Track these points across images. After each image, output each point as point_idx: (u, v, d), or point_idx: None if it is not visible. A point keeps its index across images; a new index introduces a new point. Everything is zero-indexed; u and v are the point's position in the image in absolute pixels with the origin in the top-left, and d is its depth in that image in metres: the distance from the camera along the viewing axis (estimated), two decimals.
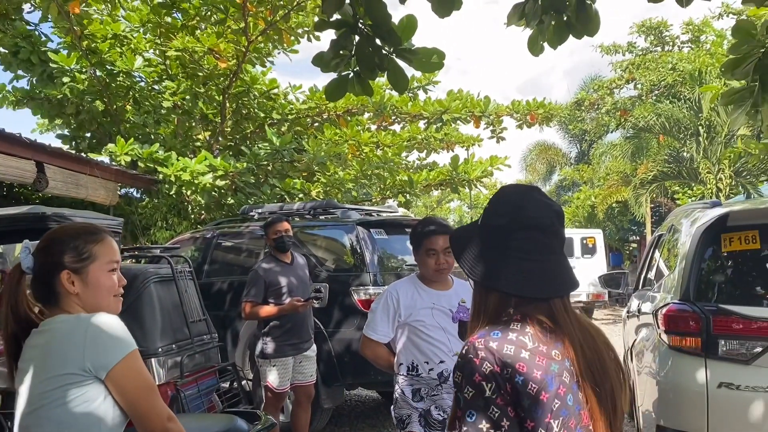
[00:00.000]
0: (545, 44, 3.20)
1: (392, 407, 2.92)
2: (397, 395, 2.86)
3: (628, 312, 5.75)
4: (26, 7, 10.09)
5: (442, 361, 2.78)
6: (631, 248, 26.32)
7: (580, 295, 14.41)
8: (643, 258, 5.95)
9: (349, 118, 11.29)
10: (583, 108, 22.80)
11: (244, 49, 9.87)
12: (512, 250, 1.33)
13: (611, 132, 23.51)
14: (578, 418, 1.27)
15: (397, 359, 2.89)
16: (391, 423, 5.88)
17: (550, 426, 1.22)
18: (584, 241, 15.60)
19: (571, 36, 3.13)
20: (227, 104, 10.68)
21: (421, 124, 11.63)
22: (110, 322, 1.60)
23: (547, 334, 1.29)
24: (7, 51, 9.77)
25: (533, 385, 1.22)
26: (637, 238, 24.92)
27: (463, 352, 1.26)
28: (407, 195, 10.76)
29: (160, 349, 3.92)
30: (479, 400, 1.21)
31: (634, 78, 20.97)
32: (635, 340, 4.71)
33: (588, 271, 14.29)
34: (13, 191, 10.50)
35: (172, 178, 9.02)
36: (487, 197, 31.78)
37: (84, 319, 1.59)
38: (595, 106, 22.20)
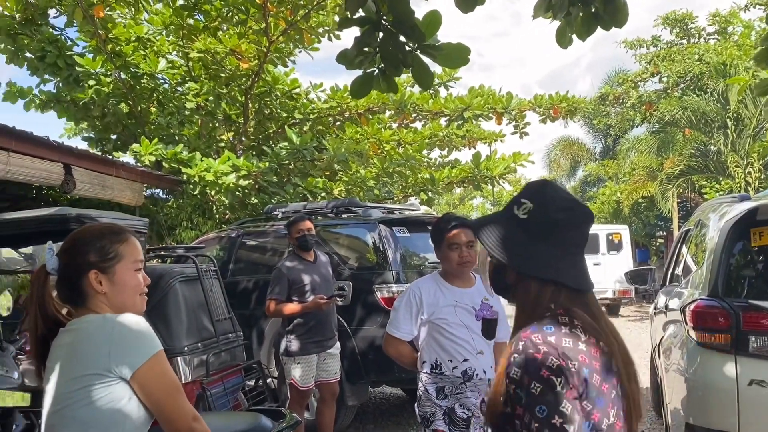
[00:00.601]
0: (573, 36, 3.16)
1: (416, 405, 2.91)
2: (420, 393, 2.85)
3: (655, 309, 5.67)
4: (52, 12, 10.28)
5: (465, 360, 2.77)
6: (657, 244, 25.96)
7: (606, 291, 14.24)
8: (670, 254, 5.86)
9: (370, 116, 11.29)
10: (607, 102, 22.51)
11: (265, 50, 9.92)
12: (568, 245, 1.37)
13: (636, 126, 23.21)
14: (621, 407, 1.31)
15: (420, 357, 2.88)
16: (416, 420, 5.87)
17: (610, 415, 1.25)
18: (610, 237, 15.40)
19: (599, 27, 3.09)
20: (250, 105, 10.75)
21: (443, 121, 11.58)
22: (136, 322, 1.61)
23: (588, 328, 1.31)
24: (33, 56, 9.95)
25: (597, 377, 1.24)
26: (664, 233, 24.55)
27: (520, 347, 1.26)
28: (429, 193, 10.73)
29: (186, 348, 3.96)
30: (549, 395, 1.20)
31: (659, 71, 20.63)
32: (663, 337, 4.65)
33: (614, 267, 14.13)
34: (41, 193, 10.70)
35: (197, 179, 9.10)
36: (510, 194, 31.60)
37: (110, 319, 1.61)
38: (620, 101, 21.89)
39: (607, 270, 14.17)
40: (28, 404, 2.47)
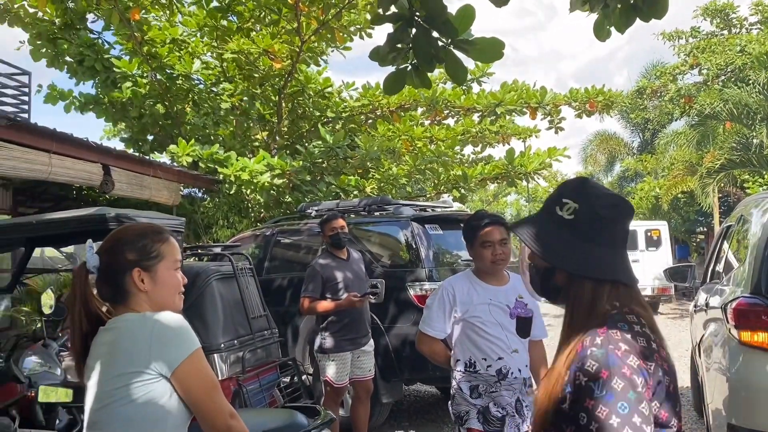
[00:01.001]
0: (611, 28, 3.10)
1: (450, 403, 2.89)
2: (454, 391, 2.84)
3: (695, 306, 5.54)
4: (90, 17, 10.53)
5: (500, 358, 2.75)
6: (698, 240, 25.37)
7: (645, 289, 13.97)
8: (711, 250, 5.71)
9: (402, 113, 11.27)
10: (645, 96, 22.06)
11: (297, 49, 9.99)
12: (617, 241, 1.36)
13: (675, 120, 22.68)
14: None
15: (454, 355, 2.86)
16: (449, 419, 5.86)
17: (677, 414, 1.26)
18: (648, 234, 15.09)
19: (637, 19, 3.03)
20: (283, 104, 10.84)
21: (475, 117, 11.49)
22: (175, 320, 1.63)
23: (655, 328, 1.32)
24: (73, 59, 10.21)
25: (666, 377, 1.25)
26: (705, 229, 23.99)
27: (598, 341, 1.24)
28: (462, 189, 10.66)
29: (222, 345, 4.01)
30: (630, 392, 1.19)
31: (699, 63, 20.12)
32: (703, 335, 4.54)
33: (653, 264, 13.86)
34: (81, 193, 10.97)
35: (232, 178, 9.22)
36: (546, 190, 31.24)
37: (149, 317, 1.63)
38: (658, 94, 21.43)
39: (646, 267, 13.91)
40: (70, 400, 2.53)
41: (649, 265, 13.90)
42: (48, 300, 3.51)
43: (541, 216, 1.42)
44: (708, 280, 5.34)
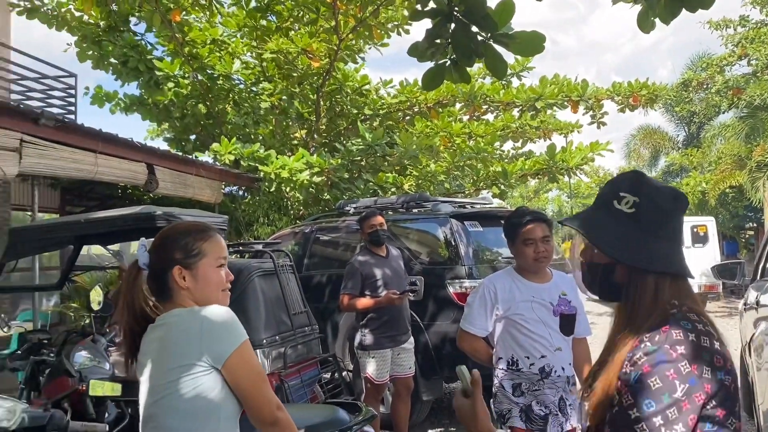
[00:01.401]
0: (656, 20, 3.02)
1: (491, 401, 2.86)
2: (496, 389, 2.81)
3: (745, 304, 5.37)
4: (132, 19, 10.78)
5: (543, 356, 2.71)
6: (747, 236, 24.59)
7: (692, 286, 13.61)
8: (762, 246, 5.53)
9: (440, 109, 11.22)
10: (690, 88, 21.43)
11: (335, 48, 10.03)
12: (676, 234, 1.35)
13: (723, 113, 21.99)
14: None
15: (496, 353, 2.83)
16: (492, 417, 5.81)
17: (736, 414, 1.23)
18: (695, 230, 14.70)
19: (683, 9, 2.94)
20: (321, 102, 10.91)
21: (515, 112, 11.36)
22: (223, 313, 1.67)
23: (716, 326, 1.29)
24: (117, 61, 10.46)
25: (728, 377, 1.22)
26: (754, 225, 23.23)
27: (657, 339, 1.22)
28: (502, 186, 10.55)
29: (264, 341, 4.05)
30: (665, 395, 1.17)
31: (747, 54, 19.46)
32: (754, 334, 4.40)
33: (700, 260, 13.48)
34: (126, 192, 11.25)
35: (272, 176, 9.32)
36: (588, 185, 30.66)
37: (198, 312, 1.67)
38: (704, 86, 20.80)
39: (692, 264, 13.44)
40: (119, 394, 2.60)
41: (696, 262, 13.53)
42: (97, 296, 3.61)
43: (598, 211, 1.39)
44: (759, 277, 5.18)
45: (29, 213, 9.10)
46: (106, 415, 2.88)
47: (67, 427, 2.29)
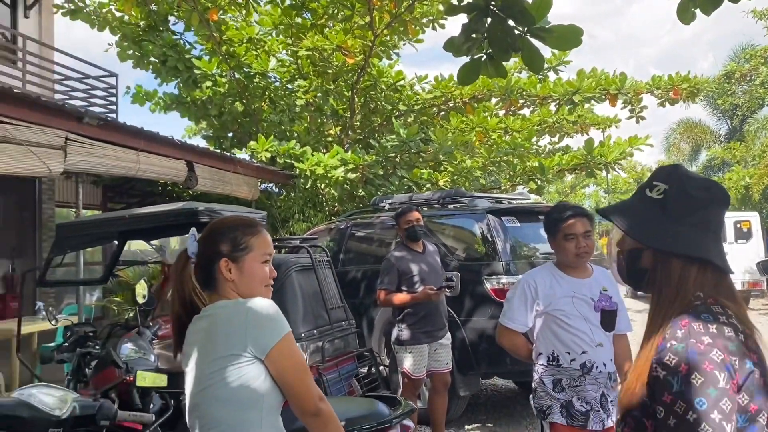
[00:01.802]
0: (697, 11, 2.95)
1: (531, 397, 2.85)
2: (536, 385, 2.79)
3: None
4: (171, 18, 10.98)
5: (584, 352, 2.68)
6: None
7: (734, 283, 13.27)
8: None
9: (475, 104, 11.15)
10: (733, 80, 20.90)
11: (370, 44, 10.05)
12: (709, 225, 1.32)
13: (767, 105, 21.37)
14: None
15: (536, 349, 2.81)
16: (528, 413, 5.78)
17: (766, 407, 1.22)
18: (738, 225, 14.31)
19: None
20: (356, 99, 10.94)
21: (552, 107, 11.22)
22: (267, 305, 1.70)
23: (743, 319, 1.27)
24: (157, 60, 10.68)
25: (756, 370, 1.21)
26: None
27: (679, 334, 1.22)
28: (538, 181, 10.45)
29: (302, 335, 4.10)
30: (710, 388, 1.16)
31: None
32: None
33: (743, 257, 13.14)
34: (166, 189, 11.48)
35: (307, 173, 9.40)
36: (626, 181, 30.07)
37: (243, 303, 1.70)
38: (748, 78, 20.25)
39: (735, 260, 13.19)
40: (165, 385, 2.67)
41: (739, 259, 13.19)
42: (142, 290, 3.71)
43: (631, 200, 1.42)
44: None
45: (74, 210, 9.36)
46: (151, 405, 2.96)
47: (115, 416, 2.36)
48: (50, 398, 2.27)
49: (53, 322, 4.40)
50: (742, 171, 21.94)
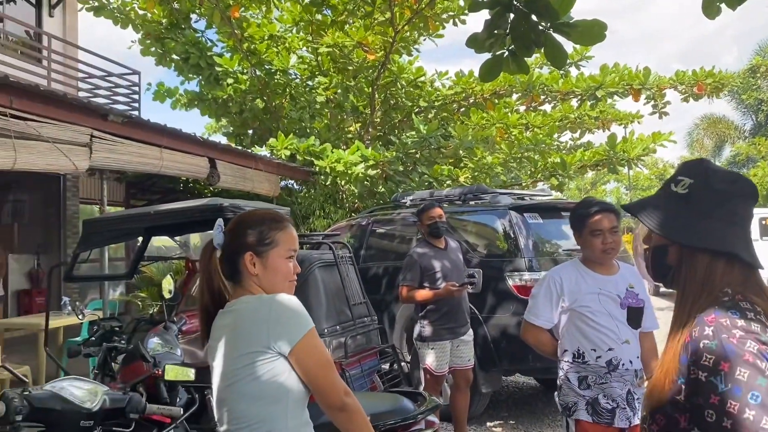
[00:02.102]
0: (722, 5, 2.91)
1: (556, 394, 2.84)
2: (561, 382, 2.77)
3: None
4: (193, 16, 11.07)
5: (610, 349, 2.66)
6: None
7: (756, 275, 13.04)
8: None
9: (496, 100, 11.10)
10: (758, 75, 20.56)
11: (391, 40, 10.04)
12: (736, 218, 1.29)
13: None
14: None
15: (561, 345, 2.80)
16: (550, 411, 5.75)
17: None
18: (764, 222, 14.06)
19: None
20: (376, 95, 10.94)
21: (574, 102, 11.13)
22: (291, 301, 1.70)
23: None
24: (179, 57, 10.77)
25: None
26: None
27: (709, 332, 1.19)
28: (560, 177, 10.38)
29: (325, 330, 4.12)
30: (759, 378, 1.12)
31: None
32: None
33: None
34: (187, 186, 11.59)
35: (327, 170, 9.43)
36: (648, 177, 29.70)
37: (266, 299, 1.70)
38: None
39: (761, 257, 12.95)
40: (192, 379, 2.70)
41: (765, 256, 12.96)
42: (168, 285, 3.75)
43: (656, 195, 1.40)
44: None
45: (98, 206, 9.49)
46: (178, 399, 2.99)
47: (145, 409, 2.39)
48: (81, 391, 2.31)
49: (80, 317, 4.46)
50: (767, 167, 21.59)
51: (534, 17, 2.79)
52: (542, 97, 11.07)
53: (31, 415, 2.12)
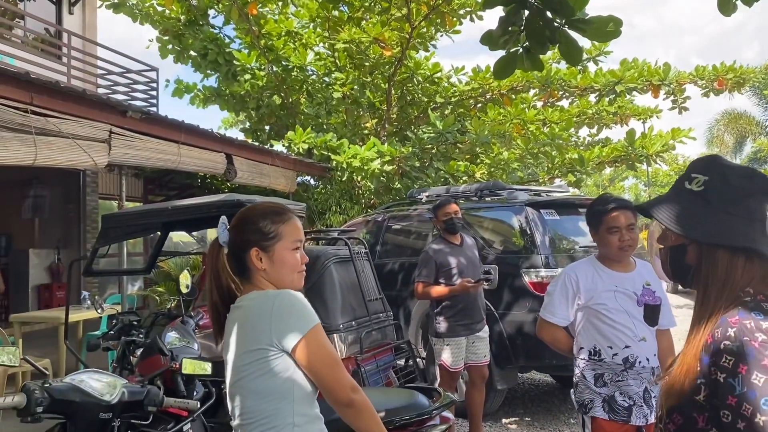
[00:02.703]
0: (738, 2, 2.87)
1: (572, 391, 2.83)
2: (577, 379, 2.76)
3: None
4: (211, 12, 11.14)
5: (627, 346, 2.65)
6: None
7: None
8: None
9: (513, 96, 11.04)
10: None
11: (407, 36, 10.02)
12: (754, 215, 1.28)
13: None
14: None
15: (577, 343, 2.79)
16: (566, 408, 5.72)
17: None
18: None
19: None
20: (392, 91, 10.94)
21: (592, 98, 11.03)
22: (293, 298, 1.70)
23: None
24: (197, 54, 10.85)
25: None
26: None
27: (731, 333, 1.18)
28: (577, 173, 10.30)
29: (341, 326, 4.14)
30: None
31: None
32: None
33: None
34: (204, 182, 11.67)
35: (344, 165, 9.45)
36: (666, 173, 29.38)
37: (270, 296, 1.71)
38: None
39: None
40: (209, 373, 2.73)
41: None
42: (185, 280, 3.79)
43: (669, 194, 1.39)
44: None
45: (116, 201, 9.60)
46: (195, 393, 3.02)
47: (162, 402, 2.42)
48: (100, 383, 2.34)
49: (99, 311, 4.52)
50: None
51: (549, 13, 2.76)
52: (560, 92, 11.00)
53: (51, 406, 2.15)
